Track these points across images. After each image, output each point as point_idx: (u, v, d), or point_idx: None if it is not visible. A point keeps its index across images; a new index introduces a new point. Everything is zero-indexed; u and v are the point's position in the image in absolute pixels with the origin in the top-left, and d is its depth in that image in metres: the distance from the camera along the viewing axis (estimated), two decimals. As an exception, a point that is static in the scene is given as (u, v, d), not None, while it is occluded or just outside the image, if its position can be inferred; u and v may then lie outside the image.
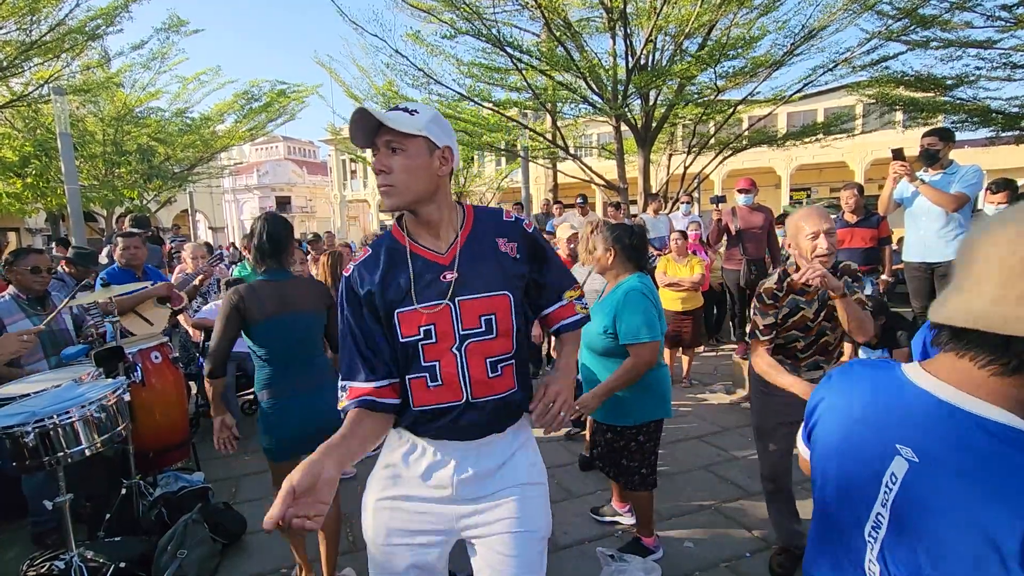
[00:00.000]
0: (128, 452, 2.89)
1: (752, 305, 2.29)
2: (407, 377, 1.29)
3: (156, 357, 3.22)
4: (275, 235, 2.22)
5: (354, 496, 3.31)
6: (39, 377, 2.65)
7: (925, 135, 3.45)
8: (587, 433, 3.47)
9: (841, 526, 0.86)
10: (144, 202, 14.53)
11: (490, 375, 1.29)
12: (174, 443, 3.24)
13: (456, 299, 1.27)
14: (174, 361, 3.39)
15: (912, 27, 7.81)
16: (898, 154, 3.30)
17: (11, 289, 2.99)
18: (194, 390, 4.63)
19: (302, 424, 2.17)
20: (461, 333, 1.27)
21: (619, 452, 2.50)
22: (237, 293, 2.16)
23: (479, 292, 1.28)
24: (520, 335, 1.35)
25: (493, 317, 1.28)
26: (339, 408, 1.32)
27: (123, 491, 2.85)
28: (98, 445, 2.13)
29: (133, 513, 2.81)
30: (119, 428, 2.26)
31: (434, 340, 1.26)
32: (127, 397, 2.39)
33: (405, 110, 1.24)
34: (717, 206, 5.56)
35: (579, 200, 7.95)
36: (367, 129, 1.24)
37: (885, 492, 0.77)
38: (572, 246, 4.58)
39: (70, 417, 2.05)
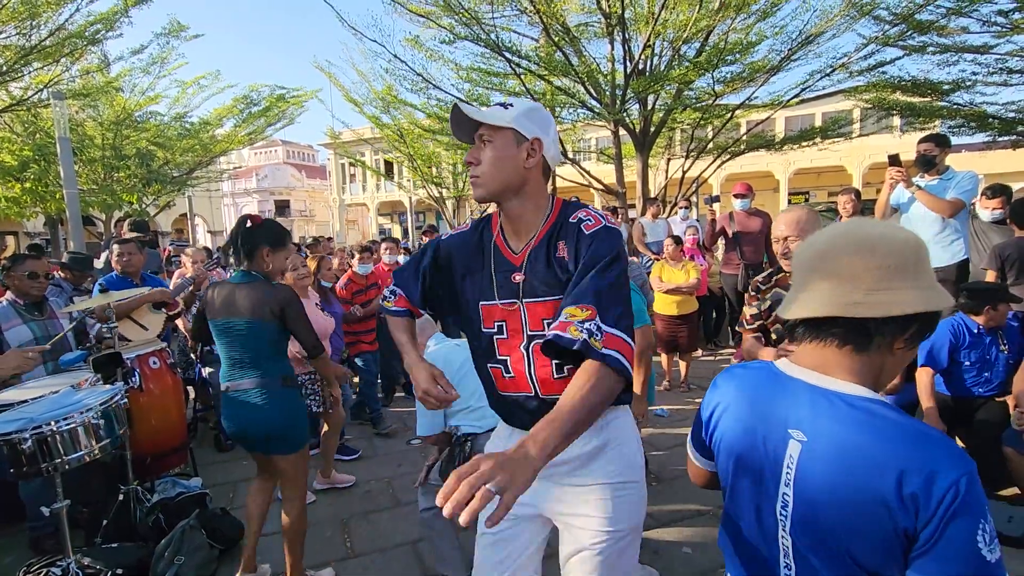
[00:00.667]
0: (126, 458, 2.89)
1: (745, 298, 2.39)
2: (488, 364, 1.38)
3: (154, 362, 3.22)
4: (238, 239, 2.31)
5: (353, 502, 3.31)
6: (37, 383, 2.64)
7: (921, 141, 3.47)
8: None
9: (756, 512, 0.96)
10: (143, 206, 14.53)
11: (555, 376, 1.29)
12: (172, 448, 3.24)
13: (524, 301, 1.30)
14: (172, 366, 3.38)
15: (909, 32, 7.85)
16: (895, 160, 3.32)
17: (8, 294, 2.99)
18: (192, 395, 4.63)
19: (227, 421, 2.34)
20: (529, 334, 1.30)
21: None
22: (207, 291, 2.40)
23: (541, 296, 1.29)
24: None
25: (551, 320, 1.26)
26: (385, 307, 1.51)
27: (120, 497, 2.84)
28: (96, 451, 2.12)
29: (130, 519, 2.80)
30: (117, 434, 2.26)
31: (505, 336, 1.33)
32: (125, 403, 2.39)
33: (503, 104, 1.29)
34: (711, 206, 5.59)
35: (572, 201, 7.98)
36: (467, 125, 1.29)
37: (787, 472, 0.90)
38: None
39: (68, 423, 2.04)
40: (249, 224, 2.31)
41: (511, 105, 1.28)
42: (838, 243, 0.90)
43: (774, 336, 2.28)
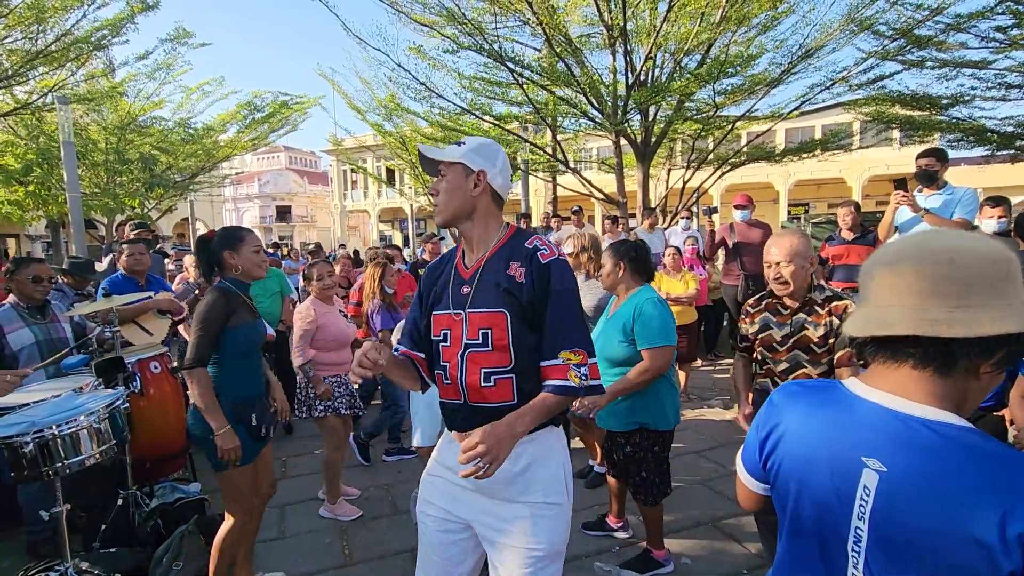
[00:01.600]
0: (125, 462, 2.89)
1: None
2: (434, 371, 1.53)
3: (155, 367, 3.23)
4: (202, 258, 2.33)
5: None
6: (38, 386, 2.65)
7: (920, 156, 3.49)
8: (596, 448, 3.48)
9: (820, 544, 0.88)
10: (145, 210, 14.57)
11: (483, 384, 1.42)
12: (171, 453, 3.24)
13: (467, 311, 1.44)
14: (173, 371, 3.39)
15: (908, 47, 7.93)
16: (901, 184, 3.34)
17: (11, 298, 3.00)
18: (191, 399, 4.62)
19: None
20: (465, 342, 1.43)
21: (639, 464, 2.55)
22: None
23: (482, 307, 1.43)
24: (522, 353, 1.40)
25: (490, 332, 1.41)
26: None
27: (119, 501, 2.84)
28: (97, 456, 2.13)
29: (129, 524, 2.80)
30: (118, 439, 2.26)
31: (448, 344, 1.47)
32: (126, 407, 2.40)
33: (458, 143, 1.48)
34: (710, 217, 5.62)
35: (573, 210, 7.94)
36: (431, 162, 1.49)
37: (861, 505, 0.81)
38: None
39: (70, 427, 2.05)
40: (206, 239, 2.35)
41: (463, 143, 1.48)
42: (912, 254, 0.81)
43: (757, 357, 2.27)
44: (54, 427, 2.01)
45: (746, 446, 1.04)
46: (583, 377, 1.36)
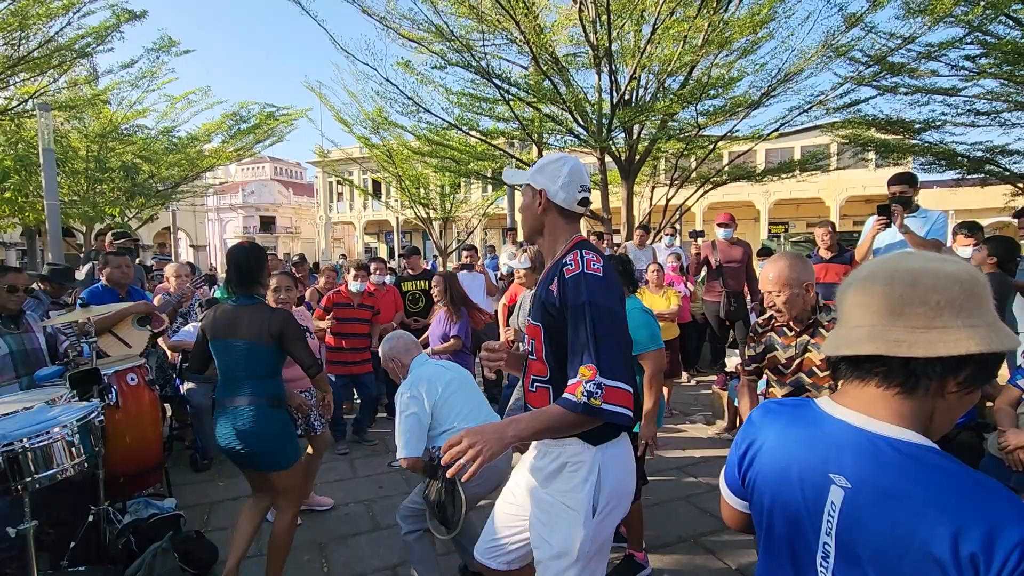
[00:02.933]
0: (98, 477, 2.81)
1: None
2: None
3: (132, 379, 3.17)
4: (241, 266, 2.44)
5: (331, 525, 3.25)
6: (9, 398, 2.58)
7: (892, 183, 3.60)
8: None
9: (792, 559, 0.90)
10: (125, 219, 14.33)
11: (530, 389, 1.57)
12: (147, 467, 3.17)
13: (530, 320, 1.58)
14: (150, 383, 3.32)
15: (882, 73, 8.21)
16: (884, 210, 3.45)
17: (-15, 307, 2.93)
18: (168, 412, 4.53)
19: (220, 437, 2.40)
20: (525, 348, 1.61)
21: None
22: (208, 313, 2.56)
23: (531, 319, 1.57)
24: (556, 366, 1.48)
25: (534, 342, 1.54)
26: None
27: (90, 517, 2.76)
28: (69, 470, 2.07)
29: (100, 541, 2.71)
30: (92, 453, 2.21)
31: (532, 353, 1.57)
32: (101, 420, 2.35)
33: (513, 156, 1.51)
34: (696, 240, 5.72)
35: None
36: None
37: (828, 521, 0.83)
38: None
39: (41, 441, 2.00)
40: (244, 249, 2.48)
41: (534, 164, 1.60)
42: (879, 275, 0.84)
43: (764, 376, 2.30)
44: (25, 440, 1.96)
45: (727, 464, 1.06)
46: (586, 394, 1.31)
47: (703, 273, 6.02)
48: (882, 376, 0.82)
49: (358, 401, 5.03)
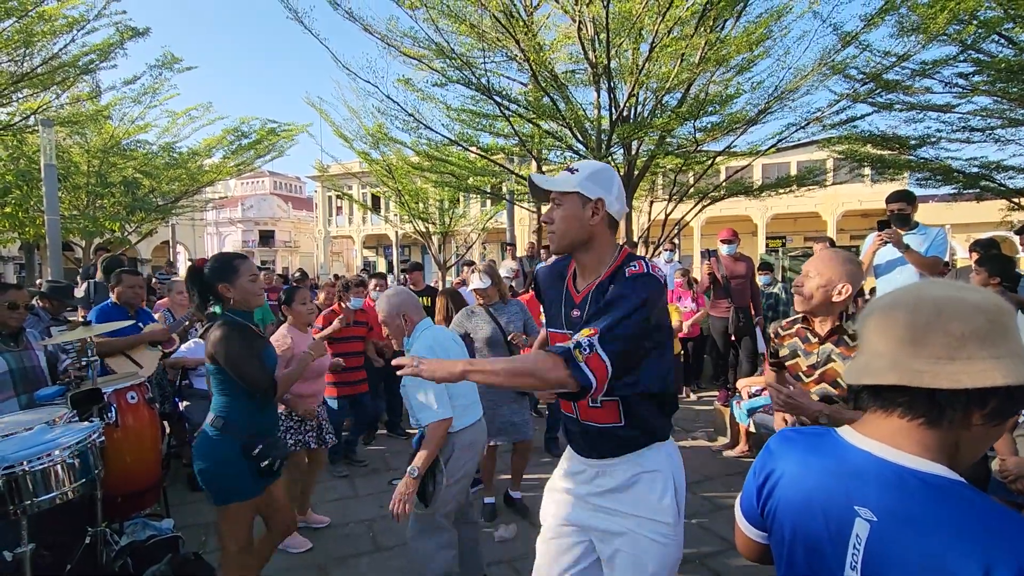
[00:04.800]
0: (96, 497, 2.77)
1: None
2: None
3: (132, 397, 3.14)
4: (198, 288, 2.27)
5: (331, 546, 3.20)
6: (9, 418, 2.55)
7: (891, 200, 3.63)
8: None
9: None
10: (125, 234, 14.34)
11: (590, 405, 1.49)
12: (146, 487, 3.13)
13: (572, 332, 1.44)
14: (150, 401, 3.30)
15: (877, 90, 8.31)
16: (884, 225, 3.48)
17: (-15, 325, 2.91)
18: (167, 430, 4.49)
19: None
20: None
21: None
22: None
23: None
24: (626, 376, 1.40)
25: None
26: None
27: (87, 539, 2.72)
28: (69, 494, 2.05)
29: (97, 563, 2.67)
30: (92, 475, 2.19)
31: None
32: (101, 441, 2.32)
33: (570, 170, 1.49)
34: (708, 260, 5.67)
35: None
36: (541, 189, 1.49)
37: (853, 554, 0.80)
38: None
39: (41, 463, 1.98)
40: (196, 272, 2.26)
41: (577, 170, 1.47)
42: (902, 303, 0.82)
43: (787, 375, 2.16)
44: (24, 463, 1.94)
45: (744, 493, 1.03)
46: (576, 344, 1.28)
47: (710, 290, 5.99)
48: (905, 406, 0.80)
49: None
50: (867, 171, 11.25)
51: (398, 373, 1.33)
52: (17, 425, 2.37)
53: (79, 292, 5.51)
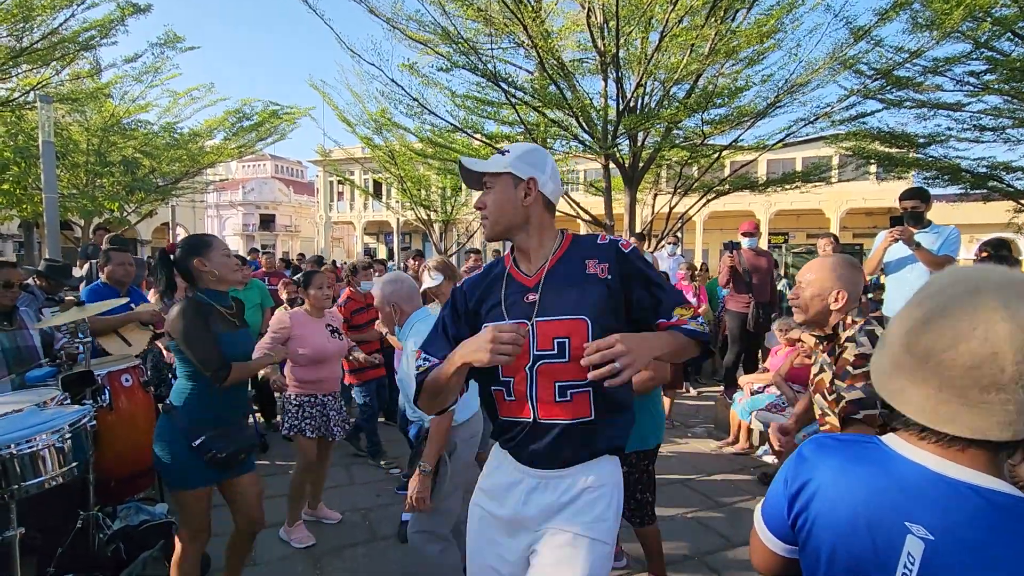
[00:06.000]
0: (88, 481, 2.73)
1: None
2: (491, 388, 1.41)
3: (127, 380, 3.09)
4: (172, 273, 2.24)
5: (326, 535, 3.16)
6: (-1, 398, 2.51)
7: (904, 198, 3.56)
8: None
9: None
10: (124, 214, 14.24)
11: (557, 399, 1.33)
12: (139, 471, 3.08)
13: (536, 319, 1.34)
14: (144, 384, 3.25)
15: (888, 87, 8.19)
16: (897, 222, 3.42)
17: (-23, 303, 2.86)
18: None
19: None
20: (535, 353, 1.33)
21: (634, 485, 2.53)
22: None
23: (556, 315, 1.34)
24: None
25: (567, 341, 1.32)
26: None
27: (79, 523, 2.68)
28: (59, 478, 2.00)
29: (89, 547, 2.64)
30: (83, 459, 2.14)
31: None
32: (93, 424, 2.27)
33: (501, 152, 1.42)
34: (731, 252, 5.54)
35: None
36: (474, 175, 1.42)
37: (904, 574, 0.75)
38: None
39: (30, 446, 1.93)
40: (169, 254, 2.21)
41: (507, 151, 1.41)
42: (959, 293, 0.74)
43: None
44: (12, 446, 1.89)
45: (770, 502, 0.95)
46: (702, 324, 1.38)
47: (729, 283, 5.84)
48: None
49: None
50: (873, 168, 11.16)
51: (596, 377, 1.17)
52: (6, 406, 2.32)
53: (79, 272, 5.44)
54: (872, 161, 10.11)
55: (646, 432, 2.52)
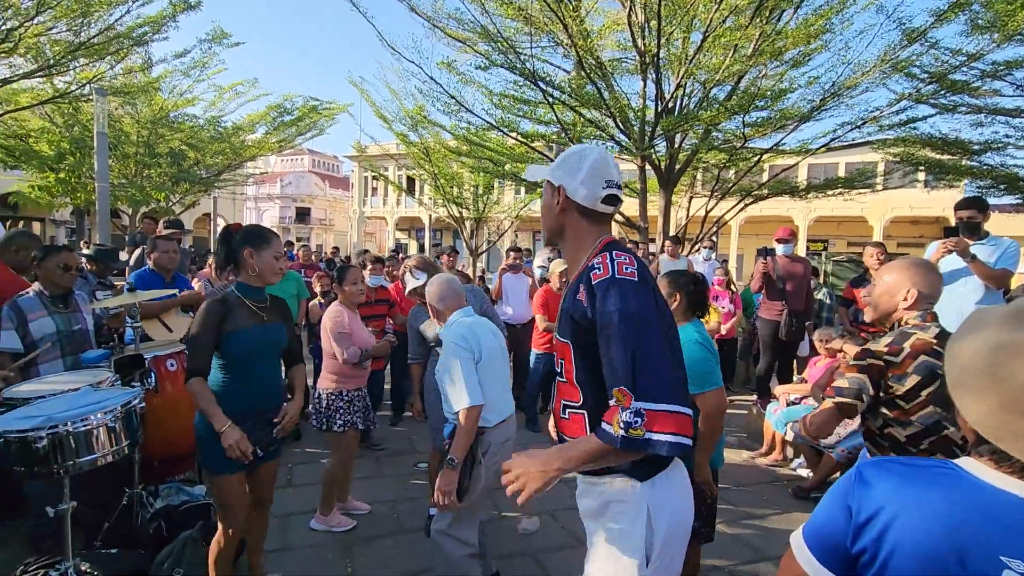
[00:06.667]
0: (134, 460, 2.85)
1: None
2: None
3: (172, 364, 3.20)
4: (221, 249, 2.29)
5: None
6: (55, 378, 2.63)
7: (961, 208, 3.40)
8: None
9: None
10: (169, 204, 14.77)
11: (562, 416, 1.38)
12: (181, 453, 3.19)
13: (558, 338, 1.39)
14: (188, 369, 3.36)
15: (942, 91, 7.85)
16: (952, 232, 3.28)
17: (36, 285, 3.00)
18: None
19: None
20: (555, 369, 1.41)
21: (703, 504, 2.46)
22: None
23: (559, 335, 1.38)
24: (589, 389, 1.29)
25: (563, 362, 1.36)
26: None
27: (124, 500, 2.80)
28: (109, 456, 2.08)
29: (132, 524, 2.75)
30: (132, 439, 2.22)
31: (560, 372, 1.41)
32: (142, 407, 2.36)
33: (551, 159, 1.38)
34: (765, 259, 5.39)
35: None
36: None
37: None
38: (564, 280, 4.62)
39: (85, 424, 2.01)
40: (231, 231, 2.28)
41: (552, 159, 1.38)
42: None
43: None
44: (69, 424, 1.98)
45: (820, 527, 0.87)
46: (623, 424, 1.14)
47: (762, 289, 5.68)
48: None
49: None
50: (922, 176, 10.71)
51: (509, 493, 1.25)
52: (63, 385, 2.43)
53: (128, 258, 5.67)
54: (921, 168, 9.69)
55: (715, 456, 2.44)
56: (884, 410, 1.72)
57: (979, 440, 0.78)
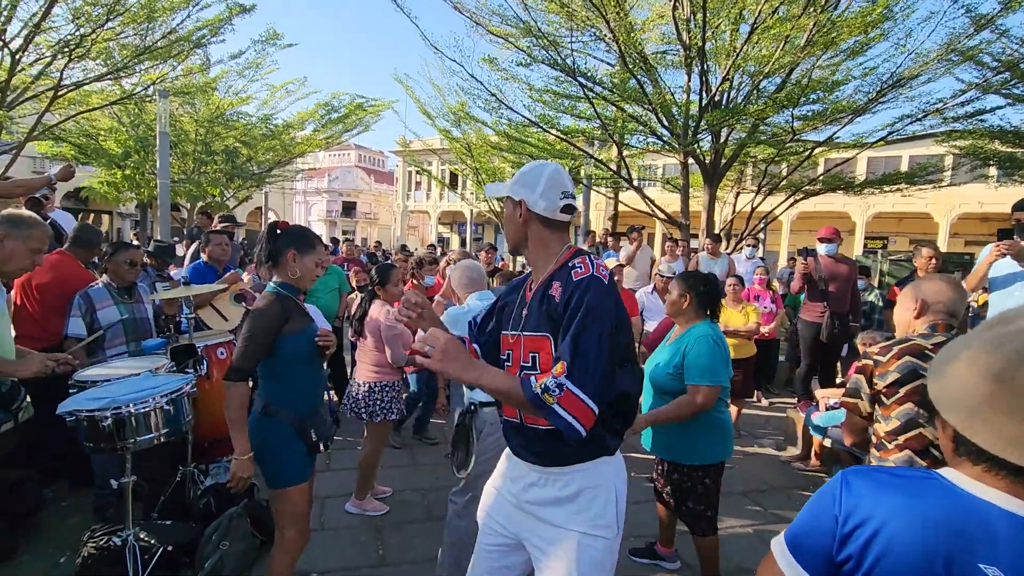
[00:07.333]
0: (187, 440, 3.07)
1: None
2: None
3: (222, 352, 3.42)
4: (264, 246, 2.20)
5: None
6: (119, 363, 2.86)
7: (1019, 208, 3.20)
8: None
9: None
10: (224, 199, 15.53)
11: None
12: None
13: (523, 333, 1.49)
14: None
15: (1013, 81, 7.34)
16: (1006, 235, 3.11)
17: (104, 277, 3.26)
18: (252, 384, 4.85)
19: None
20: (520, 363, 1.49)
21: (686, 494, 2.54)
22: None
23: (530, 330, 1.48)
24: None
25: (537, 355, 1.45)
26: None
27: (178, 476, 3.02)
28: (163, 437, 2.27)
29: (184, 499, 2.97)
30: (184, 421, 2.40)
31: (511, 364, 1.53)
32: (194, 392, 2.54)
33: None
34: (805, 259, 5.21)
35: (629, 229, 7.11)
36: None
37: None
38: (617, 279, 4.60)
39: (144, 407, 2.20)
40: (277, 230, 2.19)
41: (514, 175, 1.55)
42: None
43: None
44: (131, 406, 2.16)
45: (804, 533, 0.88)
46: (544, 387, 1.29)
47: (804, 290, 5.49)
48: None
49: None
50: (992, 171, 10.05)
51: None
52: (126, 370, 2.65)
53: (181, 250, 6.04)
54: (991, 163, 9.11)
55: (704, 446, 2.48)
56: (875, 407, 1.83)
57: (971, 451, 0.78)
